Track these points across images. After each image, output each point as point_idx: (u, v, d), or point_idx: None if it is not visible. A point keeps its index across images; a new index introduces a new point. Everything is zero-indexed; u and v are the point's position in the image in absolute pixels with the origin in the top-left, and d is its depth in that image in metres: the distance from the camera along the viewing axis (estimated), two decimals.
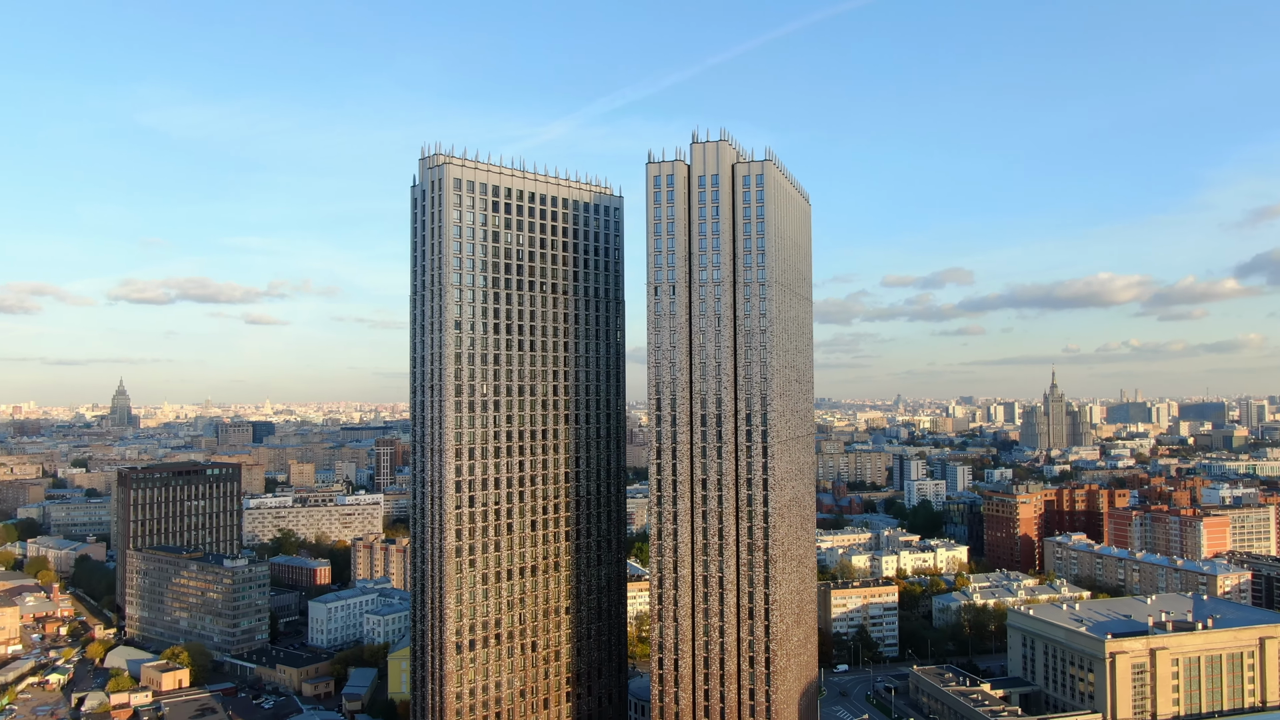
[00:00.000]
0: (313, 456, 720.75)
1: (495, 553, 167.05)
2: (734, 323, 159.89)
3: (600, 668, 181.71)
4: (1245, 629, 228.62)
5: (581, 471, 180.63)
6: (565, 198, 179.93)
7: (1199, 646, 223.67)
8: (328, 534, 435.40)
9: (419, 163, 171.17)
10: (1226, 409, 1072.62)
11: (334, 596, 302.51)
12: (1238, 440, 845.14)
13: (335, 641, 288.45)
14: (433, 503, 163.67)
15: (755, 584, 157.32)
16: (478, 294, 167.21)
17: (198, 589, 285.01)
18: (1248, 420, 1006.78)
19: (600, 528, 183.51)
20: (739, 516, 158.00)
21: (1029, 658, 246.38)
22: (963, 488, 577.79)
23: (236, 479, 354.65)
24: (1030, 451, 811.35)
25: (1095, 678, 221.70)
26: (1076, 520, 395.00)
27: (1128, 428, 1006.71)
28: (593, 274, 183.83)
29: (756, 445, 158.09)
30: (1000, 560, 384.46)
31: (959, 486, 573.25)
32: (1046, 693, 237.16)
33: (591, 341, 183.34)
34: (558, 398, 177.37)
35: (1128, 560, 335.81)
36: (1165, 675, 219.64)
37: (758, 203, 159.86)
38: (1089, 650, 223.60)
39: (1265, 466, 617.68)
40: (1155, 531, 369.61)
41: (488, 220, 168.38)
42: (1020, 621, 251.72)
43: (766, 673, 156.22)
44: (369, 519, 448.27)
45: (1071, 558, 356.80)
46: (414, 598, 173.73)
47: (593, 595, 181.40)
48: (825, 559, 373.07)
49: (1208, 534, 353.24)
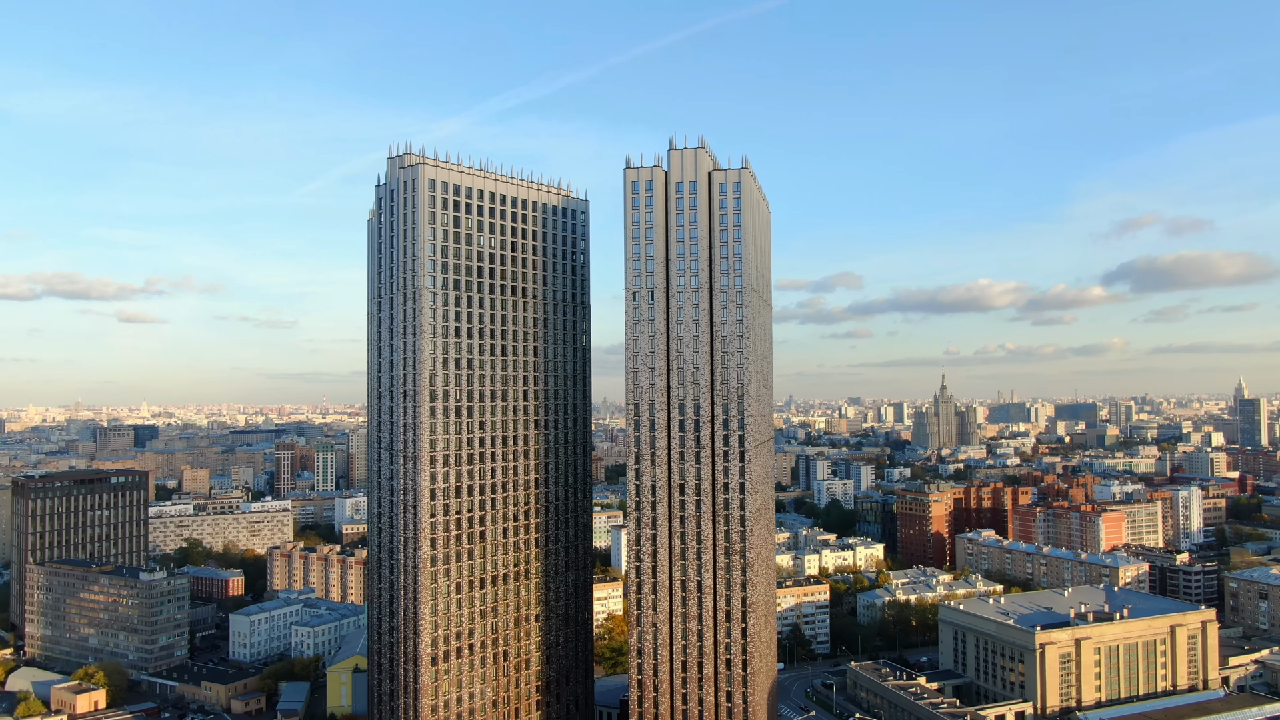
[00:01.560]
0: (205, 461, 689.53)
1: (469, 561, 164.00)
2: (710, 329, 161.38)
3: (568, 674, 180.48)
4: (1159, 618, 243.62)
5: (550, 478, 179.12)
6: (534, 200, 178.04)
7: (1118, 635, 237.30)
8: (236, 543, 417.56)
9: (387, 162, 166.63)
10: (1098, 409, 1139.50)
11: (257, 608, 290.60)
12: (1110, 439, 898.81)
13: (259, 655, 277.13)
14: (405, 511, 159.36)
15: (732, 587, 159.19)
16: (450, 298, 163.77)
17: (109, 604, 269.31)
18: (1116, 419, 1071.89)
19: (567, 534, 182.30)
20: (715, 521, 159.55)
21: (960, 651, 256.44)
22: (865, 486, 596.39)
23: (143, 487, 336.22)
24: (923, 451, 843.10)
25: (1025, 668, 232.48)
26: (983, 517, 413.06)
27: (1010, 427, 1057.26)
28: (561, 278, 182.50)
29: (734, 450, 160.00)
30: (914, 557, 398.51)
31: (862, 485, 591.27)
32: (978, 684, 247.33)
33: (559, 346, 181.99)
34: (527, 403, 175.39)
35: (1035, 555, 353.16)
36: (1089, 664, 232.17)
37: (734, 210, 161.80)
38: (1020, 642, 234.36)
39: (1140, 464, 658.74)
40: (1057, 527, 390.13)
41: (461, 223, 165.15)
42: (952, 616, 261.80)
43: (744, 674, 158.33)
44: (279, 527, 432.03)
45: (982, 553, 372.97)
46: (377, 609, 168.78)
47: (561, 602, 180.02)
48: None
49: (1105, 528, 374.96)
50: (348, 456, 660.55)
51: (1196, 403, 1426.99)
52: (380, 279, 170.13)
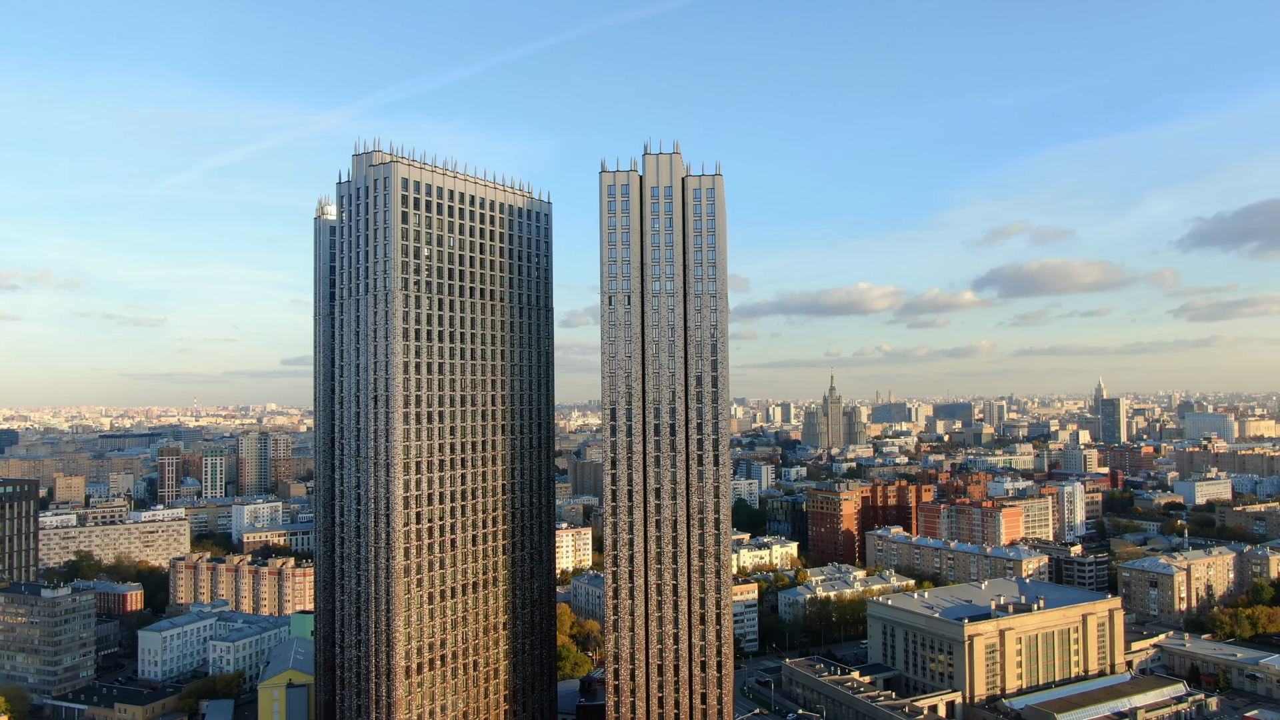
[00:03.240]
0: (77, 468, 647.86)
1: (440, 570, 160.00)
2: (685, 333, 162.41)
3: (533, 682, 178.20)
4: (1072, 607, 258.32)
5: (516, 483, 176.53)
6: (500, 202, 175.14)
7: (1037, 625, 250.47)
8: (129, 554, 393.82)
9: (353, 159, 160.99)
10: (972, 408, 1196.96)
11: (168, 624, 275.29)
12: (986, 437, 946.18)
13: (173, 674, 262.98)
14: (376, 520, 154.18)
15: (707, 590, 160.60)
16: (423, 300, 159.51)
17: (6, 624, 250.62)
18: (990, 418, 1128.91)
19: (532, 540, 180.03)
20: (690, 524, 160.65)
21: (889, 645, 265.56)
22: (767, 486, 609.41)
23: (33, 497, 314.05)
24: (814, 450, 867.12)
25: (954, 659, 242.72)
26: (889, 514, 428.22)
27: (892, 426, 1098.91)
28: (526, 280, 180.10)
29: (708, 454, 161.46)
30: (825, 554, 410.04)
31: (764, 485, 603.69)
32: (907, 676, 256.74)
33: (525, 350, 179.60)
34: (495, 408, 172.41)
35: (943, 550, 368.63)
36: (1011, 653, 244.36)
37: (709, 216, 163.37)
38: (949, 634, 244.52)
39: (1019, 461, 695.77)
40: (960, 522, 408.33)
41: (432, 223, 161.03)
42: (880, 612, 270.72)
43: (719, 676, 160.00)
44: (174, 537, 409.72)
45: (892, 549, 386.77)
46: (339, 621, 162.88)
47: (526, 609, 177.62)
48: None
49: (1005, 523, 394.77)
50: (237, 461, 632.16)
51: (1058, 402, 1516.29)
52: (342, 279, 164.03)
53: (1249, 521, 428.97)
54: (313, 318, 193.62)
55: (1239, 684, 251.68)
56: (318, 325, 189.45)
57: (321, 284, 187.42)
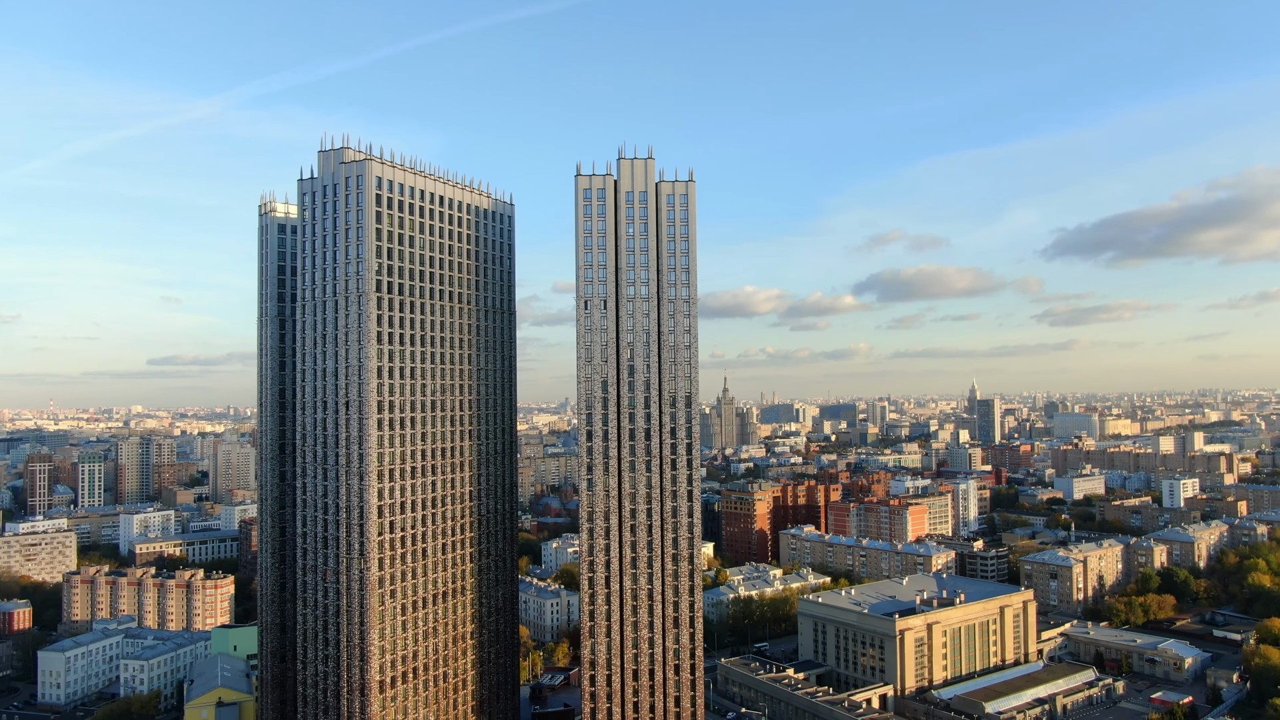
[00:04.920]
0: None
1: (413, 580, 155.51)
2: (659, 339, 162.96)
3: (499, 691, 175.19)
4: (990, 600, 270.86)
5: (482, 490, 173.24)
6: (467, 203, 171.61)
7: (960, 618, 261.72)
8: (9, 569, 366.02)
9: (320, 155, 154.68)
10: (856, 409, 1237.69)
11: (71, 643, 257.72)
12: (872, 436, 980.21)
13: (77, 696, 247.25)
14: (349, 530, 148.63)
15: (680, 594, 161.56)
16: (395, 302, 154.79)
17: None
18: (873, 419, 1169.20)
19: (497, 547, 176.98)
20: (664, 529, 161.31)
21: (820, 641, 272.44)
22: None
23: None
24: (709, 450, 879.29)
25: (886, 653, 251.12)
26: (799, 514, 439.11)
27: (782, 427, 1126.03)
28: (490, 283, 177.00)
29: (681, 458, 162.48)
30: (739, 553, 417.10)
31: None
32: (838, 671, 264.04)
33: (490, 354, 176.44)
34: (463, 413, 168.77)
35: (855, 547, 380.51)
36: (938, 645, 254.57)
37: (681, 221, 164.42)
38: (881, 630, 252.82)
39: (907, 460, 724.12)
40: (869, 520, 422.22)
41: (405, 224, 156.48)
42: (812, 609, 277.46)
43: (692, 678, 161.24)
44: (59, 550, 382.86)
45: (805, 548, 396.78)
46: (300, 635, 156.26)
47: (492, 617, 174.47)
48: None
49: (912, 520, 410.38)
50: (116, 468, 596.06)
51: (932, 402, 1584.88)
52: (304, 280, 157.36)
53: (1126, 515, 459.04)
54: (257, 319, 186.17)
55: (1139, 668, 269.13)
56: (265, 327, 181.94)
57: (270, 284, 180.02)
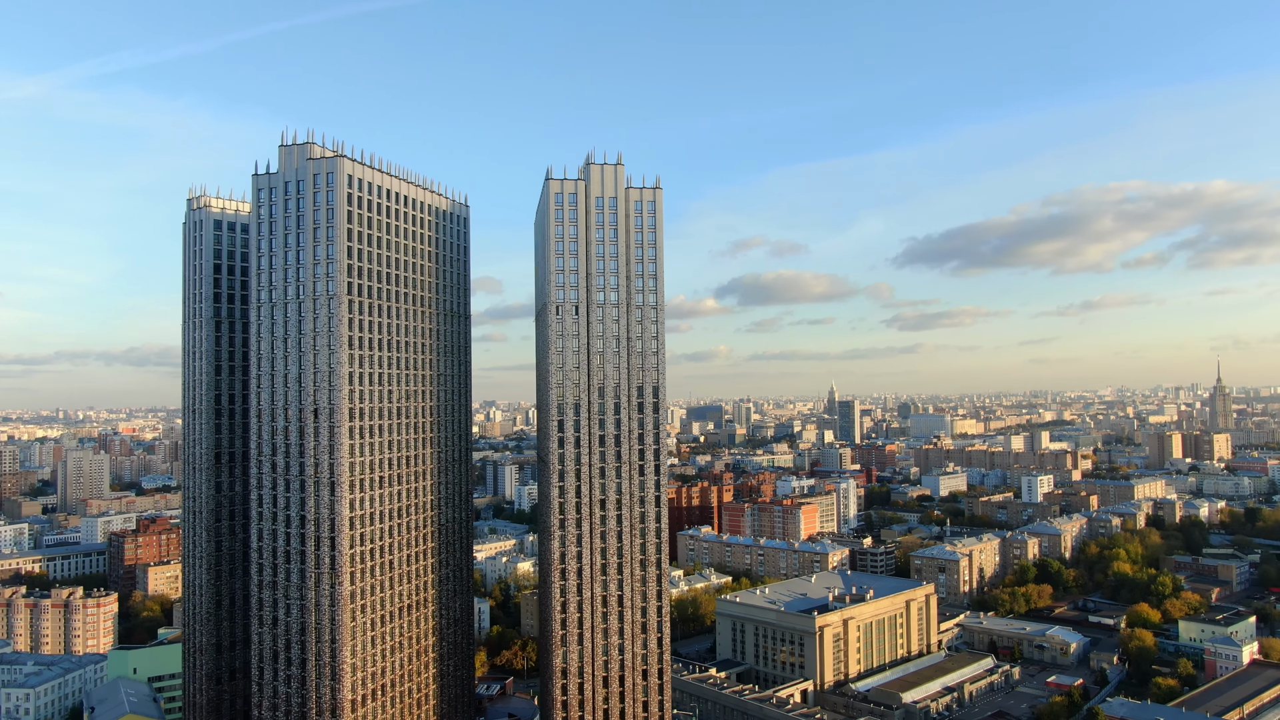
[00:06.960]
0: None
1: (381, 594, 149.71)
2: (627, 344, 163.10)
3: (457, 704, 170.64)
4: (897, 595, 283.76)
5: (441, 499, 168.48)
6: (429, 204, 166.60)
7: (871, 613, 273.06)
8: None
9: (280, 150, 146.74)
10: (722, 410, 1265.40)
11: None
12: (739, 437, 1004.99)
13: None
14: (318, 544, 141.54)
15: (649, 599, 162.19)
16: (364, 306, 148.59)
17: None
18: (739, 420, 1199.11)
19: (455, 557, 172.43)
20: (633, 534, 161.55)
21: (739, 640, 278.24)
22: None
23: None
24: None
25: (805, 649, 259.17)
26: (694, 514, 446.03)
27: None
28: (449, 286, 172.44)
29: (649, 464, 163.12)
30: None
31: None
32: (758, 669, 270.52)
33: (447, 359, 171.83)
34: (424, 420, 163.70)
35: (753, 546, 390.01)
36: (853, 640, 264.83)
37: (650, 228, 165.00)
38: (800, 627, 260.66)
39: (780, 460, 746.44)
40: (763, 520, 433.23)
41: (372, 224, 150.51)
42: (730, 609, 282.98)
43: (659, 683, 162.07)
44: None
45: (704, 548, 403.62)
46: (260, 657, 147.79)
47: (451, 629, 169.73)
48: (486, 569, 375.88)
49: (804, 519, 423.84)
50: None
51: (790, 404, 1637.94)
52: (261, 280, 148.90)
53: (993, 510, 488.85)
54: (182, 320, 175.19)
55: (1029, 654, 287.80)
56: (197, 330, 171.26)
57: (205, 284, 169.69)
